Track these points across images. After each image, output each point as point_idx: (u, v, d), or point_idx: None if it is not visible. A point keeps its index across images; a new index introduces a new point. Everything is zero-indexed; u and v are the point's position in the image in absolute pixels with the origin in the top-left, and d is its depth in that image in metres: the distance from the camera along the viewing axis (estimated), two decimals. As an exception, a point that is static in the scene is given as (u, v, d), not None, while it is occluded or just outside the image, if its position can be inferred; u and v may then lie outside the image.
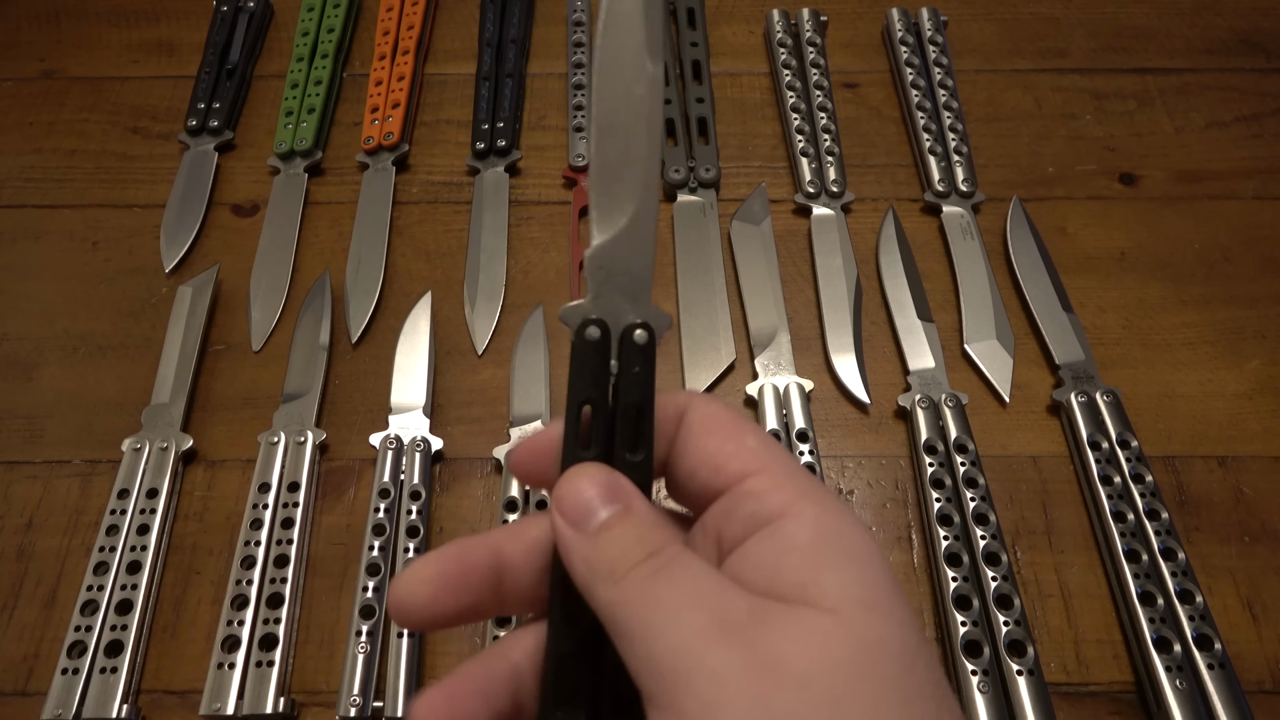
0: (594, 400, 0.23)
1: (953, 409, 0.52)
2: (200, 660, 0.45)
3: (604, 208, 0.23)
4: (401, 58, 0.68)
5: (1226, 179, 0.63)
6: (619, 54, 0.23)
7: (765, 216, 0.61)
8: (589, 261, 0.24)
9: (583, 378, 0.24)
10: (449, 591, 0.22)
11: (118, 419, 0.53)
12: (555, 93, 0.69)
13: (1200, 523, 0.49)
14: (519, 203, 0.63)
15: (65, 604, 0.47)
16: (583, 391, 0.23)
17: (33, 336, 0.57)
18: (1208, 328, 0.57)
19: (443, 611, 0.22)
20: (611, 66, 0.23)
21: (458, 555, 0.22)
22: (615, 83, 0.23)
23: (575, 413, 0.23)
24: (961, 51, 0.70)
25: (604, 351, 0.24)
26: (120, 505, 0.49)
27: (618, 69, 0.23)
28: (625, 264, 0.24)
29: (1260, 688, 0.45)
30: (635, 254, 0.24)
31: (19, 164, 0.65)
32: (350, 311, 0.57)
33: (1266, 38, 0.71)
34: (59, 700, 0.43)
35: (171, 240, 0.60)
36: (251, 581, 0.46)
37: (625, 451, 0.23)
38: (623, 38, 0.23)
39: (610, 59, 0.23)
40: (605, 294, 0.24)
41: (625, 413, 0.23)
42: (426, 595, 0.22)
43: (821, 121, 0.64)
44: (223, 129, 0.65)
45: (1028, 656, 0.43)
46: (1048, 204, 0.62)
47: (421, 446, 0.51)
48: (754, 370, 0.54)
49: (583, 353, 0.24)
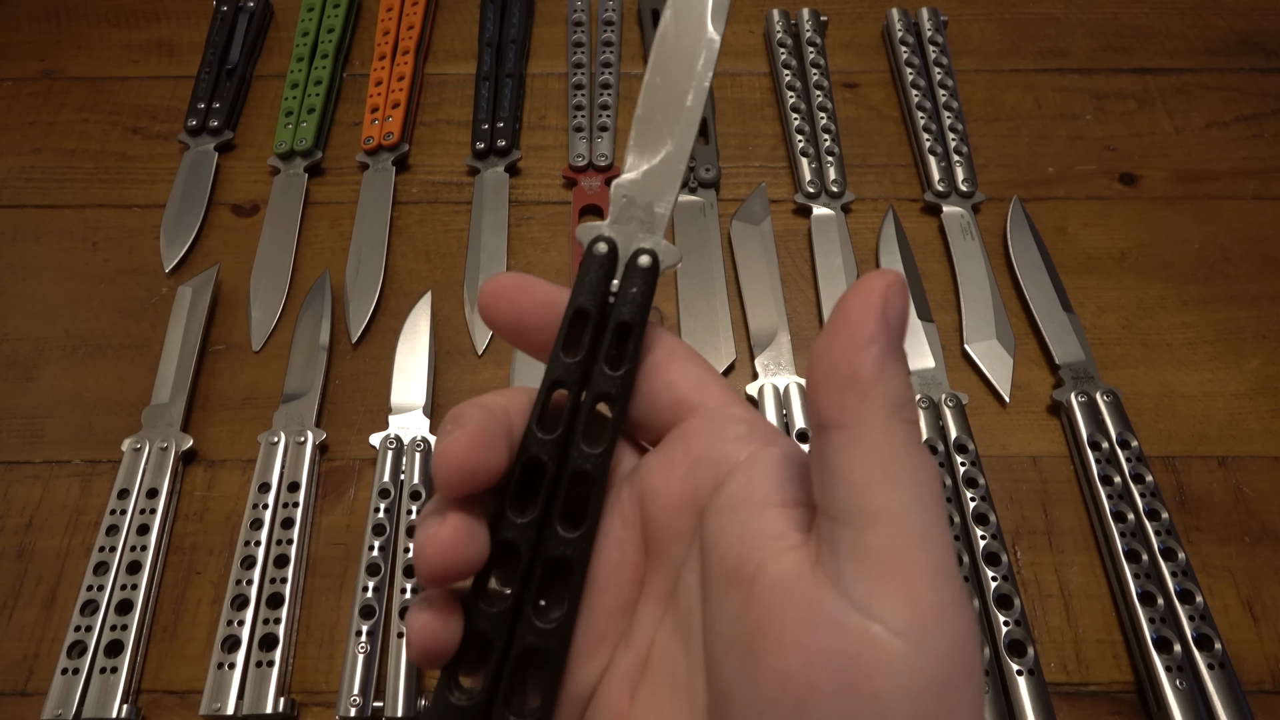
0: (589, 310, 0.24)
1: (953, 409, 0.52)
2: (200, 660, 0.45)
3: (640, 146, 0.26)
4: (401, 58, 0.68)
5: (1226, 179, 0.63)
6: (689, 13, 0.26)
7: (765, 216, 0.61)
8: (615, 189, 0.25)
9: (583, 287, 0.25)
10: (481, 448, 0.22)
11: (118, 419, 0.53)
12: (555, 93, 0.69)
13: (1200, 523, 0.49)
14: (519, 203, 0.63)
15: (65, 604, 0.47)
16: (580, 298, 0.24)
17: (33, 336, 0.57)
18: (1208, 328, 0.57)
19: (477, 467, 0.22)
20: (679, 22, 0.26)
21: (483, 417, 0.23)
22: (678, 37, 0.26)
23: (569, 318, 0.24)
24: (961, 51, 0.70)
25: (609, 267, 0.25)
26: (120, 505, 0.49)
27: (684, 26, 0.26)
28: (648, 198, 0.25)
29: (1260, 688, 0.45)
30: (659, 191, 0.25)
31: (19, 164, 0.65)
32: (350, 311, 0.57)
33: (1266, 38, 0.71)
34: (59, 700, 0.43)
35: (171, 240, 0.60)
36: (251, 581, 0.46)
37: (606, 366, 0.24)
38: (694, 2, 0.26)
39: (680, 14, 0.26)
40: (623, 220, 0.25)
41: (616, 329, 0.24)
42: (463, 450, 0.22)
43: (821, 121, 0.64)
44: (223, 129, 0.65)
45: (1028, 656, 0.43)
46: (1048, 204, 0.62)
47: (422, 446, 0.51)
48: (754, 370, 0.54)
49: (588, 265, 0.25)
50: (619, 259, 0.25)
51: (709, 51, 0.25)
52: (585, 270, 0.25)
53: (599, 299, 0.24)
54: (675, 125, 0.25)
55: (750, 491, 0.21)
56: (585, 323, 0.24)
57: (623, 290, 0.25)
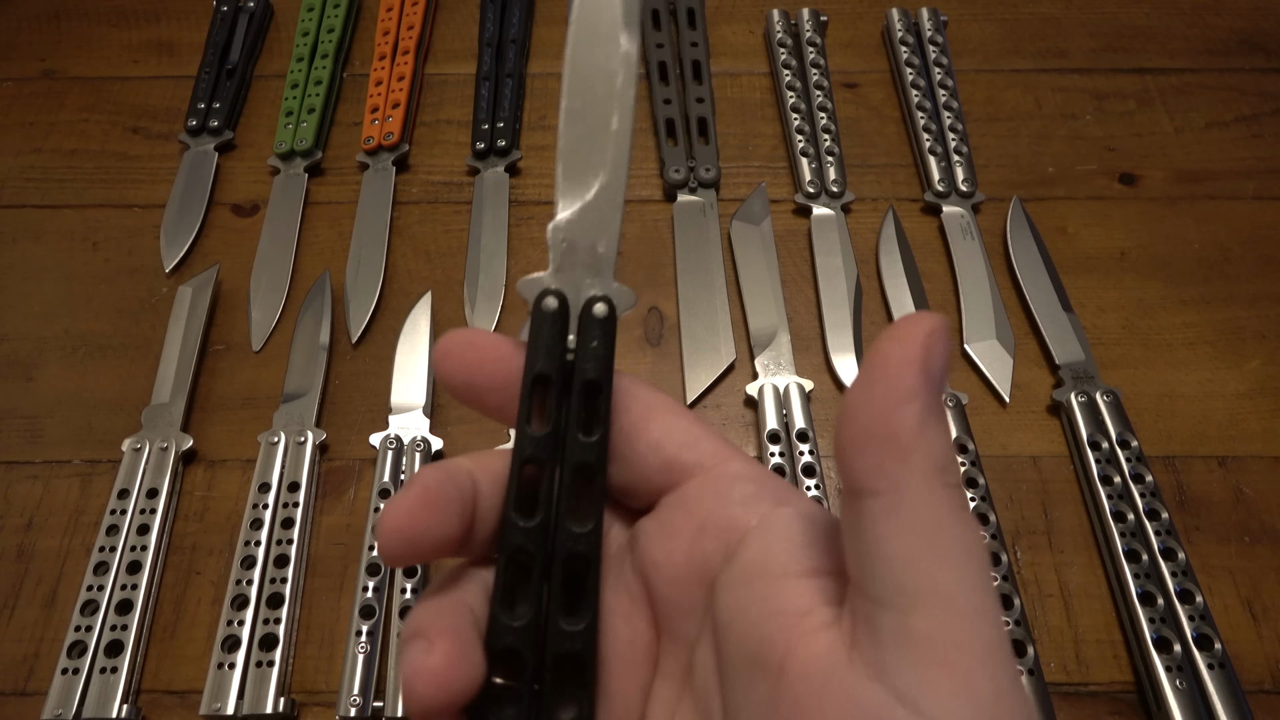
0: (549, 374, 0.22)
1: (953, 409, 0.52)
2: (200, 660, 0.45)
3: (570, 180, 0.23)
4: (401, 58, 0.68)
5: (1226, 179, 0.63)
6: (595, 26, 0.22)
7: (765, 216, 0.61)
8: (552, 233, 0.23)
9: (537, 350, 0.22)
10: (427, 512, 0.20)
11: (118, 419, 0.53)
12: (555, 93, 0.68)
13: (1200, 523, 0.49)
14: (519, 203, 0.63)
15: (65, 604, 0.47)
16: (537, 363, 0.22)
17: (33, 336, 0.57)
18: (1208, 328, 0.57)
19: (420, 533, 0.20)
20: (586, 38, 0.22)
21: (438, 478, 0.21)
22: (589, 55, 0.22)
23: (529, 388, 0.22)
24: (961, 51, 0.70)
25: (562, 323, 0.22)
26: (120, 505, 0.49)
27: (592, 41, 0.22)
28: (589, 238, 0.23)
29: (1260, 688, 0.45)
30: (600, 229, 0.22)
31: (19, 164, 0.65)
32: (350, 311, 0.57)
33: (1266, 38, 0.71)
34: (59, 700, 0.43)
35: (171, 240, 0.60)
36: (251, 581, 0.46)
37: (579, 432, 0.22)
38: (599, 9, 0.22)
39: (585, 30, 0.22)
40: (567, 267, 0.23)
41: (583, 389, 0.22)
42: (405, 514, 0.20)
43: (821, 121, 0.64)
44: (223, 129, 0.65)
45: (1028, 656, 0.43)
46: (1048, 204, 0.62)
47: (421, 446, 0.51)
48: (754, 370, 0.54)
49: (539, 324, 0.22)
50: (570, 311, 0.23)
51: (627, 66, 0.22)
52: (537, 330, 0.22)
53: (557, 360, 0.22)
54: (604, 153, 0.22)
55: (767, 562, 0.19)
56: (547, 388, 0.22)
57: (582, 346, 0.22)
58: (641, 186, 0.64)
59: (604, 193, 0.22)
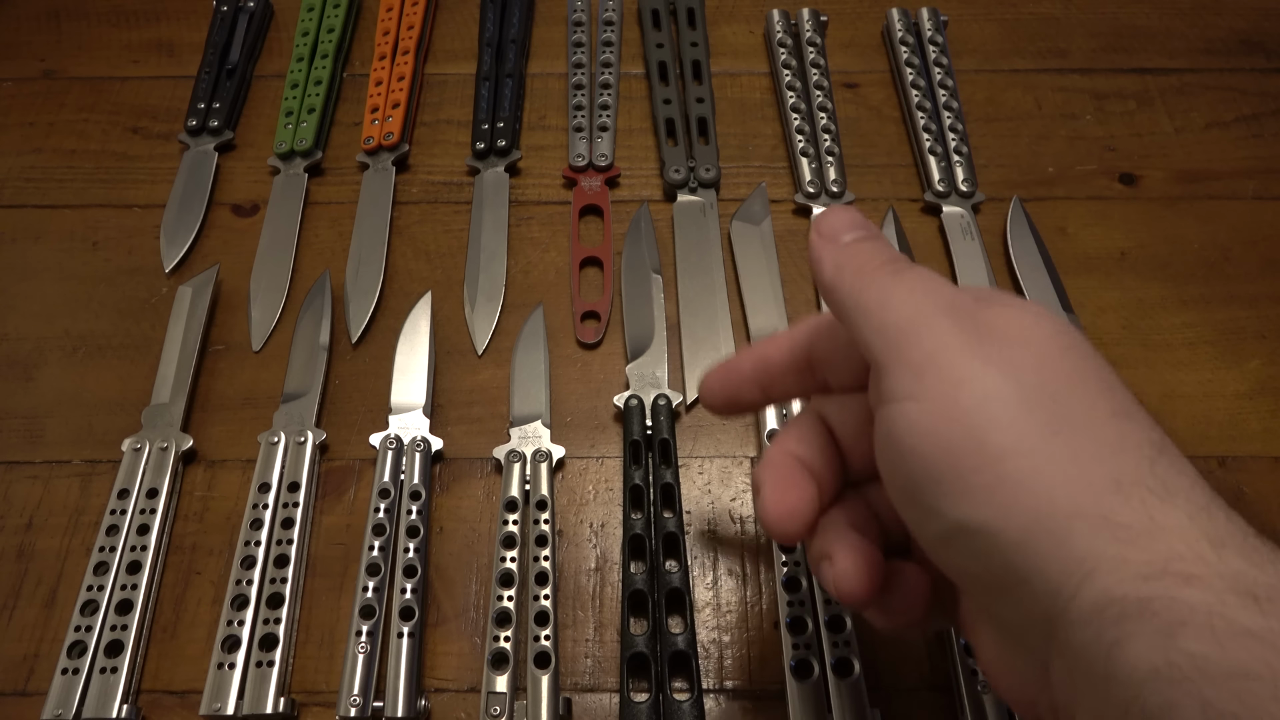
0: (639, 440, 0.47)
1: (953, 409, 0.52)
2: (200, 660, 0.45)
3: (633, 342, 0.52)
4: (401, 58, 0.68)
5: (1226, 179, 0.63)
6: (638, 259, 0.53)
7: (765, 216, 0.61)
8: (631, 372, 0.51)
9: (631, 429, 0.49)
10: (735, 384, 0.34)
11: (118, 419, 0.53)
12: (555, 93, 0.69)
13: (1200, 523, 0.49)
14: (519, 203, 0.63)
15: (65, 604, 0.47)
16: (633, 434, 0.49)
17: (33, 336, 0.57)
18: (1208, 328, 0.57)
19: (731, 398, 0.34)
20: (635, 268, 0.55)
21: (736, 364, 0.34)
22: (637, 278, 0.55)
23: (629, 446, 0.48)
24: (961, 51, 0.70)
25: (642, 412, 0.50)
26: (120, 505, 0.49)
27: (639, 271, 0.55)
28: (651, 372, 0.52)
29: (1260, 688, 0.44)
30: (655, 366, 0.52)
31: (19, 164, 0.65)
32: (350, 311, 0.57)
33: (1266, 38, 0.71)
34: (59, 700, 0.43)
35: (171, 240, 0.60)
36: (251, 581, 0.46)
37: (662, 466, 0.47)
38: (640, 250, 0.51)
39: (633, 262, 0.55)
40: (639, 386, 0.51)
41: (659, 445, 0.48)
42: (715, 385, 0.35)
43: (821, 121, 0.64)
44: (223, 129, 0.65)
45: (1028, 656, 0.43)
46: (1048, 204, 0.62)
47: (421, 446, 0.51)
48: (754, 370, 0.54)
49: (630, 415, 0.49)
50: (645, 407, 0.50)
51: (657, 281, 0.47)
52: (629, 419, 0.49)
53: (642, 431, 0.49)
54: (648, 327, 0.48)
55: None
56: (640, 448, 0.48)
57: (657, 422, 0.49)
58: (641, 186, 0.64)
59: (653, 348, 0.51)
